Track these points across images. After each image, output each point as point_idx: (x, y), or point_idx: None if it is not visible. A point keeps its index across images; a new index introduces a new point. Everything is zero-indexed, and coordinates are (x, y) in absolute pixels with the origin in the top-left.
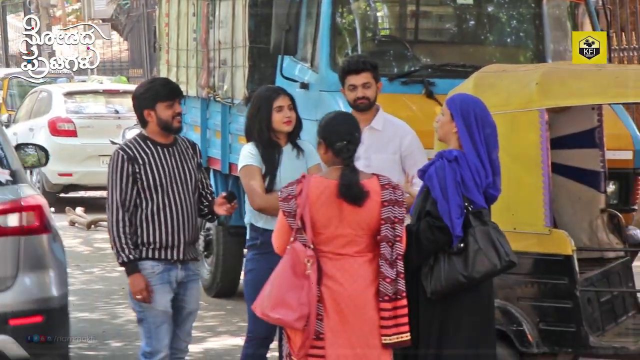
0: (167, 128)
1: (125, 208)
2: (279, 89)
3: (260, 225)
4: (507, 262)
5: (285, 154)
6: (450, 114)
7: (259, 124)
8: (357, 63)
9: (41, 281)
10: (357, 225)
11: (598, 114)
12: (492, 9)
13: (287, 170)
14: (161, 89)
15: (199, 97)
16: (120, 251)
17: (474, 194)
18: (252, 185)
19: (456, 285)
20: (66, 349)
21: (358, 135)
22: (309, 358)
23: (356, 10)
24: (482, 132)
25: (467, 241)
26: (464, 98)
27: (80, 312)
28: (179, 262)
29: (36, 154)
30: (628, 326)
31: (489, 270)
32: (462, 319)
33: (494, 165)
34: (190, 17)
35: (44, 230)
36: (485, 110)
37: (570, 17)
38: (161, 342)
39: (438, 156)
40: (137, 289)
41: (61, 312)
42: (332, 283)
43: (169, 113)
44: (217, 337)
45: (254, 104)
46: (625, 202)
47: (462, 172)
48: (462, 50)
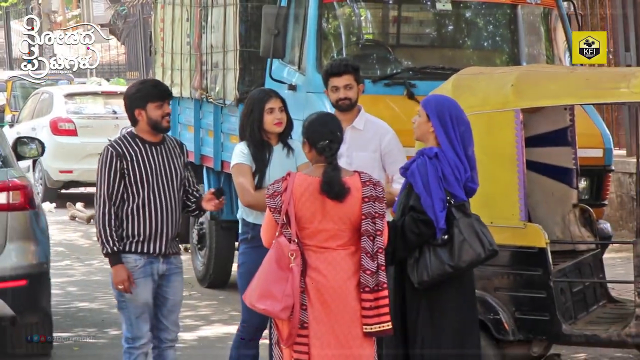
0: (157, 127)
1: (112, 202)
2: (271, 91)
3: (251, 220)
4: (490, 251)
5: (276, 153)
6: (426, 114)
7: (251, 124)
8: (339, 66)
9: (26, 250)
10: (340, 220)
11: (570, 114)
12: (470, 14)
13: (276, 169)
14: (152, 89)
15: (193, 99)
16: (105, 242)
17: (455, 188)
18: (242, 182)
19: (443, 275)
20: (49, 309)
21: (340, 135)
22: (294, 346)
23: (342, 16)
24: (458, 130)
25: (452, 232)
26: (439, 99)
27: (81, 302)
28: (161, 256)
29: (35, 147)
30: (599, 315)
31: (474, 259)
32: (447, 307)
33: (471, 160)
34: (184, 22)
35: (28, 207)
36: (459, 109)
37: (543, 22)
38: (142, 329)
39: (419, 154)
40: (119, 280)
41: (43, 277)
42: (316, 275)
43: (159, 113)
44: (210, 325)
45: (247, 106)
46: (596, 198)
47: (442, 168)
48: (441, 54)
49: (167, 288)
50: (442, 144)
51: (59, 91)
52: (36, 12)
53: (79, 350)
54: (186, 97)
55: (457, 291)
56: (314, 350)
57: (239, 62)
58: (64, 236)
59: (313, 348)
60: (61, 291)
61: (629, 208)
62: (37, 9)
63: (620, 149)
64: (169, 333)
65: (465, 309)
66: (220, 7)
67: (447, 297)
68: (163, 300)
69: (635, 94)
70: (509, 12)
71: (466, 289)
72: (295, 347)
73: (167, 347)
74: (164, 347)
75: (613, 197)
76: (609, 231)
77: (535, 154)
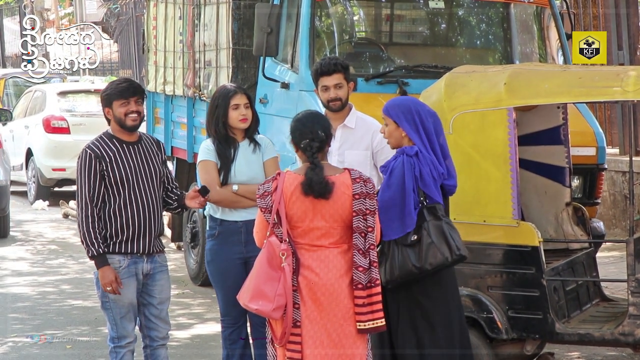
0: (122, 125)
1: (94, 204)
2: (237, 87)
3: (218, 216)
4: (457, 256)
5: (242, 149)
6: (393, 122)
7: (216, 120)
8: (329, 65)
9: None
10: (331, 217)
11: (563, 113)
12: (463, 12)
13: (242, 165)
14: (116, 87)
15: (186, 97)
16: (91, 245)
17: (431, 189)
18: (207, 179)
19: (408, 275)
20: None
21: (323, 133)
22: (288, 345)
23: (334, 14)
24: (428, 125)
25: (421, 234)
26: (400, 102)
27: (74, 300)
28: (145, 255)
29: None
30: (592, 313)
31: (441, 263)
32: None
33: (444, 149)
34: (177, 20)
35: None
36: (421, 103)
37: (536, 21)
38: (127, 328)
39: (399, 152)
40: (107, 281)
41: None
42: (309, 273)
43: (122, 111)
44: (204, 323)
45: (212, 102)
46: (589, 196)
47: (421, 167)
48: (434, 52)
49: (152, 287)
50: (417, 146)
51: (51, 89)
52: (29, 9)
53: (71, 348)
54: (179, 95)
55: (437, 291)
56: (307, 350)
57: (232, 60)
58: (57, 234)
59: (306, 347)
60: (54, 289)
61: (621, 207)
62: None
63: (613, 147)
64: (159, 331)
65: (448, 308)
66: (213, 5)
67: (426, 296)
68: (150, 299)
69: (628, 92)
70: (502, 11)
71: (447, 288)
72: (288, 346)
73: (158, 346)
74: (155, 345)
75: (606, 195)
76: (602, 230)
77: (529, 152)
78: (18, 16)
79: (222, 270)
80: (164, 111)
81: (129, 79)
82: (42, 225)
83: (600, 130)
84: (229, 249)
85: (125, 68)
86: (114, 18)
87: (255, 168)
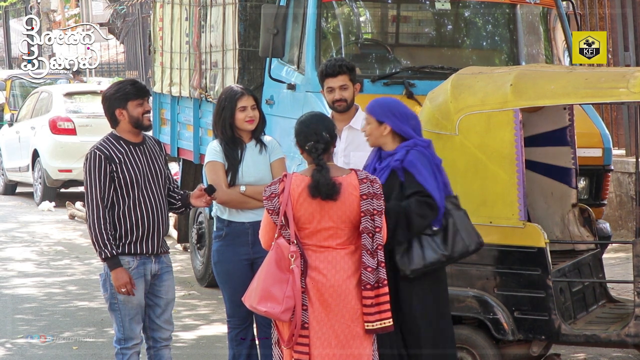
0: (138, 125)
1: (104, 205)
2: (244, 89)
3: (225, 217)
4: (478, 245)
5: (249, 150)
6: (375, 120)
7: (223, 122)
8: (334, 66)
9: None
10: (338, 218)
11: (569, 114)
12: (469, 14)
13: (249, 166)
14: (131, 88)
15: (192, 98)
16: (103, 247)
17: (446, 178)
18: (215, 180)
19: (437, 263)
20: None
21: (327, 134)
22: (295, 346)
23: (340, 15)
24: (408, 125)
25: (446, 223)
26: (382, 102)
27: (80, 301)
28: (153, 256)
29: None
30: (598, 315)
31: (464, 251)
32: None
33: None
34: (183, 21)
35: None
36: (401, 105)
37: (542, 22)
38: (134, 330)
39: (409, 146)
40: (121, 283)
41: None
42: (316, 274)
43: (140, 110)
44: (210, 325)
45: (219, 104)
46: (596, 197)
47: (436, 158)
48: (440, 53)
49: (159, 288)
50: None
51: (58, 90)
52: (35, 11)
53: (78, 349)
54: (185, 97)
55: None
56: (315, 350)
57: (238, 62)
58: (63, 235)
59: (314, 348)
60: (60, 290)
61: (628, 208)
62: (36, 8)
63: (619, 148)
64: (163, 332)
65: (439, 304)
66: (220, 6)
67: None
68: (157, 300)
69: (634, 93)
70: (508, 12)
71: (440, 286)
72: (296, 347)
73: (162, 347)
74: (159, 346)
75: (612, 196)
76: (608, 231)
77: (535, 153)
78: (25, 19)
79: (229, 271)
80: (170, 112)
81: (136, 80)
82: (48, 227)
83: (606, 131)
84: (236, 250)
85: (132, 69)
86: (120, 19)
87: (262, 169)
